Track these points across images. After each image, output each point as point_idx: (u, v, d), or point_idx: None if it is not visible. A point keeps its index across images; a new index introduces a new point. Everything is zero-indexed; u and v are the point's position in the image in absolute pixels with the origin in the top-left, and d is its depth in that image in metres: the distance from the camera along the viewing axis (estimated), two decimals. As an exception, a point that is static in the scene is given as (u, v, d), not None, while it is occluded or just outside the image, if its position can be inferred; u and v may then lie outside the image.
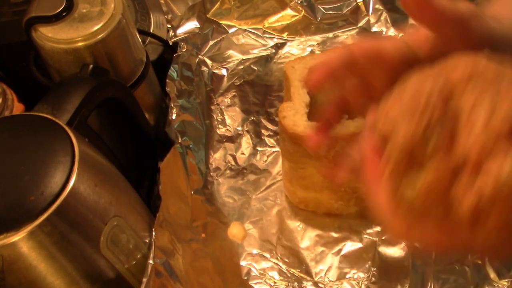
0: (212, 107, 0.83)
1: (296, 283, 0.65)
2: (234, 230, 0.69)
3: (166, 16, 0.89)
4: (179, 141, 0.72)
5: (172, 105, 0.75)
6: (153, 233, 0.60)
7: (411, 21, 0.87)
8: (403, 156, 0.31)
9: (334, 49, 0.53)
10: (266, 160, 0.77)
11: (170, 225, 0.63)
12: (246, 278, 0.66)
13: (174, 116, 0.75)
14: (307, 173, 0.64)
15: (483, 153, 0.29)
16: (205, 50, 0.90)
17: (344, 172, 0.50)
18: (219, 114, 0.82)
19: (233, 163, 0.77)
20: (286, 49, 0.90)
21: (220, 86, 0.86)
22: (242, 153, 0.78)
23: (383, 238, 0.67)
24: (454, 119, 0.31)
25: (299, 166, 0.64)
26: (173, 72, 0.80)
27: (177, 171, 0.70)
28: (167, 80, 0.78)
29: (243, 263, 0.67)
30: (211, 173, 0.76)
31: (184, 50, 0.84)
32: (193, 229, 0.68)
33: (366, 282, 0.64)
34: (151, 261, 0.58)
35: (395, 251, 0.66)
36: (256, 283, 0.65)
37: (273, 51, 0.90)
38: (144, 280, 0.56)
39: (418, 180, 0.31)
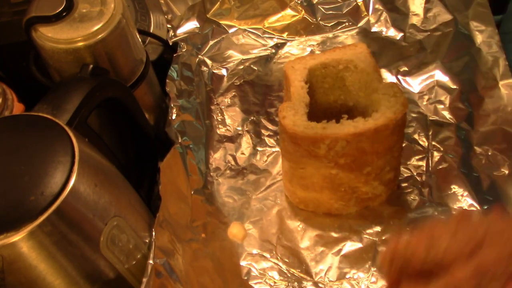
0: (212, 107, 0.83)
1: (296, 283, 0.64)
2: (234, 230, 0.69)
3: (166, 16, 0.89)
4: (179, 141, 0.72)
5: (172, 105, 0.76)
6: (153, 233, 0.60)
7: (411, 21, 0.87)
8: None
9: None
10: (266, 160, 0.76)
11: (170, 225, 0.63)
12: (246, 278, 0.65)
13: (174, 116, 0.75)
14: (307, 173, 0.64)
15: None
16: (205, 50, 0.90)
17: None
18: (219, 114, 0.82)
19: (233, 163, 0.77)
20: (286, 49, 0.90)
21: (220, 86, 0.86)
22: (242, 153, 0.78)
23: (383, 238, 0.67)
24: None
25: (299, 166, 0.64)
26: (173, 72, 0.80)
27: (177, 171, 0.70)
28: (167, 80, 0.78)
29: (243, 263, 0.67)
30: (211, 173, 0.76)
31: (184, 50, 0.85)
32: (193, 229, 0.68)
33: (366, 282, 0.64)
34: (151, 261, 0.58)
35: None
36: (256, 283, 0.65)
37: (273, 51, 0.90)
38: (144, 280, 0.56)
39: None
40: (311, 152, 0.61)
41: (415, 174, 0.71)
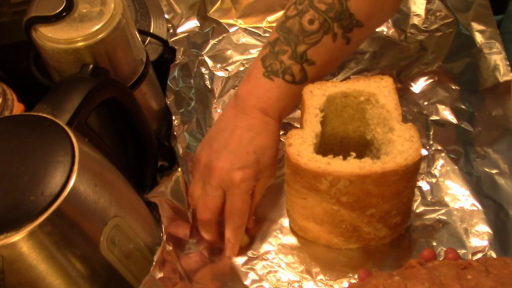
0: (213, 110, 0.83)
1: (296, 283, 0.64)
2: None
3: (166, 15, 0.88)
4: (180, 153, 0.72)
5: (173, 118, 0.76)
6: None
7: (412, 21, 0.87)
8: None
9: None
10: (266, 160, 0.76)
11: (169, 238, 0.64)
12: (246, 280, 0.65)
13: (178, 132, 0.75)
14: (308, 204, 0.62)
15: None
16: (206, 50, 0.89)
17: None
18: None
19: (233, 163, 0.77)
20: (287, 48, 0.90)
21: (220, 88, 0.86)
22: (243, 153, 0.77)
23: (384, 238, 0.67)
24: None
25: (301, 195, 0.62)
26: (171, 82, 0.80)
27: (175, 193, 0.70)
28: (168, 93, 0.78)
29: (243, 264, 0.67)
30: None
31: (183, 55, 0.84)
32: (192, 243, 0.69)
33: (366, 282, 0.64)
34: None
35: (395, 251, 0.66)
36: (257, 287, 0.65)
37: (274, 50, 0.89)
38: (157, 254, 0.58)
39: None
40: (312, 186, 0.58)
41: (415, 174, 0.71)
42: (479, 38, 0.81)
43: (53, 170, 0.48)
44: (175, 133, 0.75)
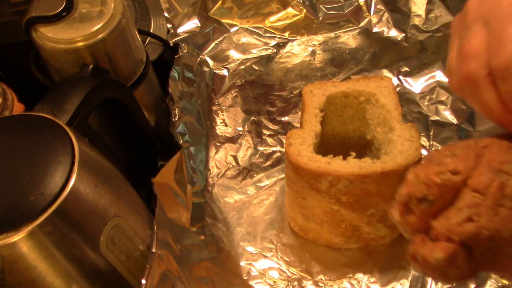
0: (213, 108, 0.83)
1: (296, 282, 0.64)
2: None
3: (167, 15, 0.89)
4: (180, 142, 0.72)
5: (174, 107, 0.76)
6: (154, 227, 0.60)
7: (412, 22, 0.87)
8: None
9: None
10: (267, 160, 0.76)
11: (168, 228, 0.63)
12: (246, 278, 0.65)
13: (176, 118, 0.75)
14: (308, 203, 0.62)
15: None
16: (207, 50, 0.89)
17: None
18: (220, 115, 0.82)
19: (234, 163, 0.77)
20: (287, 48, 0.90)
21: (221, 86, 0.86)
22: (243, 153, 0.78)
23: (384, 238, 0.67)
24: None
25: (301, 196, 0.62)
26: (174, 73, 0.80)
27: (178, 174, 0.70)
28: (170, 81, 0.78)
29: (243, 263, 0.67)
30: (212, 175, 0.75)
31: (185, 51, 0.85)
32: (192, 233, 0.68)
33: (366, 282, 0.64)
34: (153, 250, 0.58)
35: (395, 251, 0.66)
36: (256, 283, 0.65)
37: (275, 50, 0.90)
38: (148, 266, 0.57)
39: None
40: (312, 186, 0.58)
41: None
42: (479, 38, 0.81)
43: (53, 170, 0.48)
44: (174, 119, 0.75)
